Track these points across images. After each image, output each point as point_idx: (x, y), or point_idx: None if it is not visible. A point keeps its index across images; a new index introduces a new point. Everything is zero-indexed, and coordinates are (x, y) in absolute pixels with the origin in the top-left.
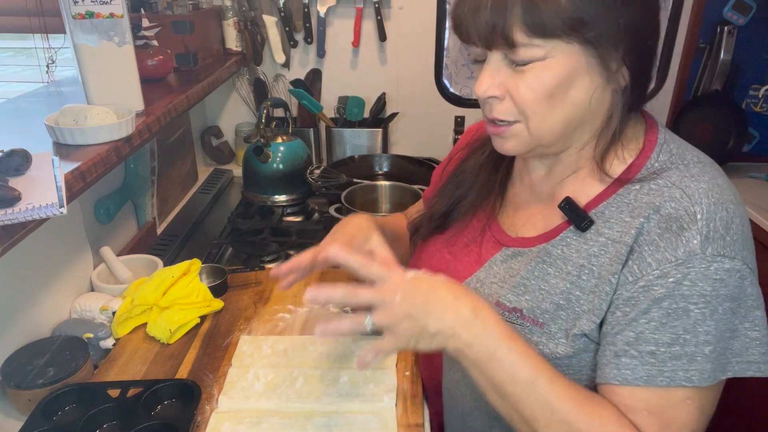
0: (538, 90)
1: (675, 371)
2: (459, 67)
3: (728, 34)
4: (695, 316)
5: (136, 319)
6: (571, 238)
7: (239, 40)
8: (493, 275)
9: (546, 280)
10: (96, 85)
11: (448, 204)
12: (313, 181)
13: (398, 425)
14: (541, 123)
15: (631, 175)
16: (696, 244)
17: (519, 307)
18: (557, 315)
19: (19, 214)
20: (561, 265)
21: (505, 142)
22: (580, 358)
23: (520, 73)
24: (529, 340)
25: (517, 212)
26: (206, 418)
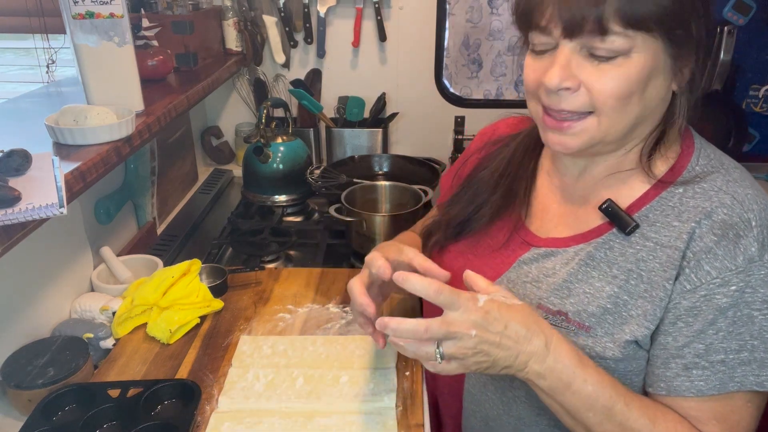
0: (621, 84)
1: (746, 376)
2: (459, 67)
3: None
4: (760, 322)
5: (136, 319)
6: (614, 241)
7: (239, 40)
8: (524, 275)
9: (590, 284)
10: (96, 85)
11: (466, 212)
12: (313, 181)
13: (398, 425)
14: (615, 119)
15: (674, 177)
16: (754, 251)
17: (564, 310)
18: (604, 319)
19: (19, 214)
20: (606, 269)
21: (567, 138)
22: (627, 364)
23: (600, 66)
24: (574, 343)
25: (546, 215)
26: (206, 418)
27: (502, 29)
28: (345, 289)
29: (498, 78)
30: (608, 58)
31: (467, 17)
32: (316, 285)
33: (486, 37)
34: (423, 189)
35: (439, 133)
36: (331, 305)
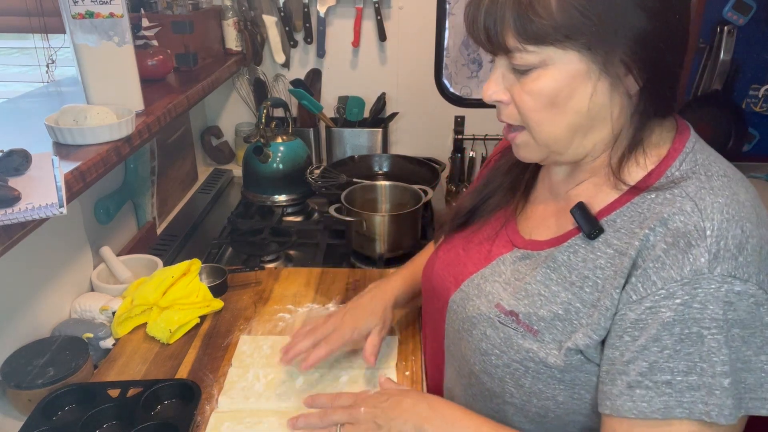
0: (538, 98)
1: (694, 403)
2: (459, 67)
3: (728, 34)
4: (709, 343)
5: (136, 319)
6: (579, 245)
7: (239, 40)
8: (498, 274)
9: (547, 286)
10: (96, 85)
11: (475, 201)
12: (313, 181)
13: None
14: (544, 131)
15: (649, 183)
16: (703, 262)
17: (516, 311)
18: (553, 324)
19: (19, 214)
20: (565, 273)
21: (518, 149)
22: (573, 376)
23: (523, 80)
24: (521, 346)
25: (534, 214)
26: (206, 418)
27: None
28: (345, 289)
29: None
30: (527, 72)
31: None
32: (316, 285)
33: None
34: (423, 189)
35: (439, 133)
36: (331, 305)
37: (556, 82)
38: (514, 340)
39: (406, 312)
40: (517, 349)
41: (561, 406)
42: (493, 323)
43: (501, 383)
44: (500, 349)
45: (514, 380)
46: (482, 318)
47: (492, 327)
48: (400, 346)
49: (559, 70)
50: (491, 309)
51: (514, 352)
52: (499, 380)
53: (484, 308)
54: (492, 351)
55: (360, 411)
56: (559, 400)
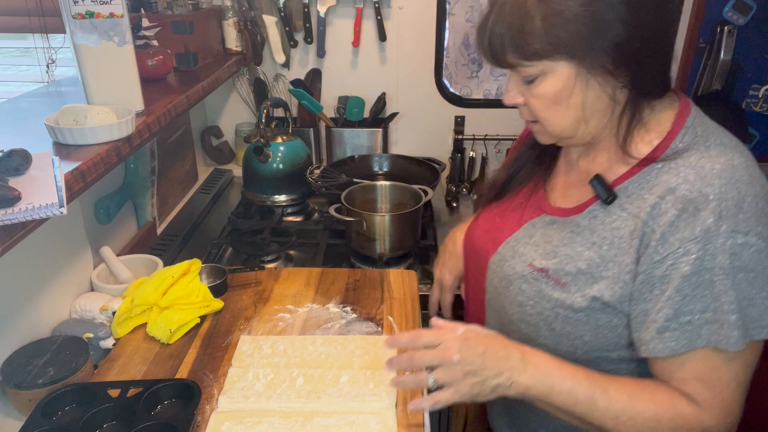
0: (543, 101)
1: (711, 334)
2: (459, 67)
3: (728, 34)
4: (718, 287)
5: (136, 319)
6: (597, 211)
7: (239, 40)
8: (529, 236)
9: (572, 247)
10: (96, 85)
11: (508, 173)
12: (313, 181)
13: (398, 425)
14: (553, 124)
15: (655, 155)
16: (711, 223)
17: (546, 268)
18: (578, 277)
19: (19, 214)
20: (587, 235)
21: (536, 136)
22: (597, 318)
23: (529, 87)
24: (551, 296)
25: (558, 185)
26: (206, 418)
27: None
28: (345, 289)
29: (498, 78)
30: (532, 80)
31: (467, 17)
32: (316, 285)
33: None
34: (423, 189)
35: (439, 133)
36: (331, 305)
37: (554, 87)
38: (545, 291)
39: (406, 312)
40: (548, 299)
41: (587, 344)
42: (527, 279)
43: (536, 328)
44: (534, 300)
45: (547, 325)
46: (517, 276)
47: (526, 282)
48: None
49: (556, 76)
50: (525, 268)
51: (545, 302)
52: (534, 326)
53: (519, 267)
54: (527, 302)
55: (453, 357)
56: (585, 339)
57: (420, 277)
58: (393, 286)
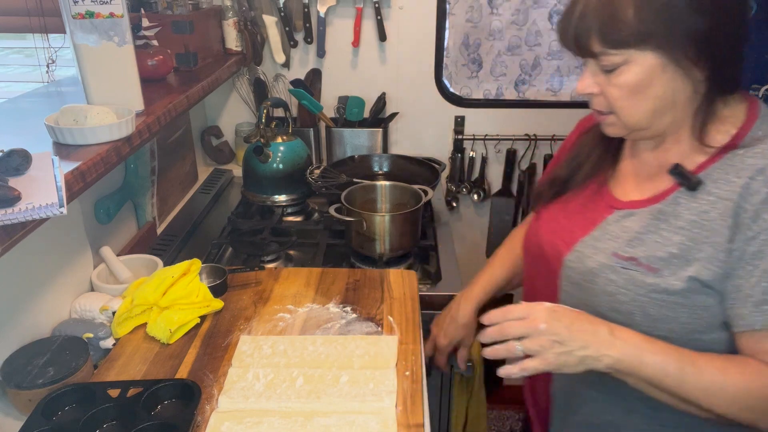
0: (623, 90)
1: None
2: (459, 67)
3: None
4: None
5: (136, 319)
6: (681, 197)
7: (239, 40)
8: (607, 233)
9: (659, 234)
10: (96, 85)
11: (568, 172)
12: (313, 181)
13: (398, 425)
14: (629, 115)
15: (736, 143)
16: None
17: (635, 256)
18: (670, 262)
19: (19, 214)
20: (673, 221)
21: (606, 127)
22: (692, 299)
23: (609, 75)
24: (644, 282)
25: (627, 182)
26: (206, 418)
27: (502, 29)
28: (345, 289)
29: (498, 78)
30: (612, 70)
31: (467, 17)
32: (316, 285)
33: (486, 36)
34: (423, 189)
35: (439, 133)
36: (331, 305)
37: (636, 76)
38: (638, 278)
39: (406, 312)
40: (642, 285)
41: (684, 326)
42: (615, 269)
43: (629, 316)
44: (626, 288)
45: (642, 311)
46: (603, 267)
47: (614, 272)
48: (400, 346)
49: (639, 65)
50: (610, 258)
51: (638, 288)
52: (628, 314)
53: (603, 259)
54: (618, 291)
55: (540, 326)
56: (681, 321)
57: (420, 277)
58: (393, 286)
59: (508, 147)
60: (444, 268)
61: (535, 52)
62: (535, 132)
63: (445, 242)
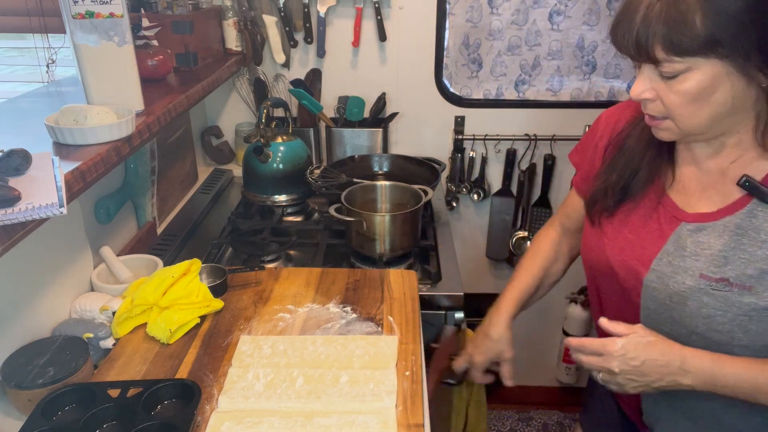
0: (684, 97)
1: None
2: (459, 67)
3: None
4: None
5: (136, 319)
6: (756, 210)
7: (239, 40)
8: (682, 248)
9: (744, 250)
10: (96, 85)
11: (625, 177)
12: (313, 181)
13: (398, 425)
14: (688, 121)
15: None
16: None
17: (725, 277)
18: (762, 278)
19: (19, 214)
20: (754, 235)
21: (659, 132)
22: None
23: (668, 81)
24: (741, 302)
25: (688, 189)
26: (206, 418)
27: (502, 29)
28: (345, 289)
29: (498, 78)
30: (673, 76)
31: (467, 17)
32: (316, 285)
33: (486, 36)
34: (423, 189)
35: (439, 133)
36: (331, 305)
37: (700, 83)
38: (733, 299)
39: (406, 312)
40: (739, 305)
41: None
42: (707, 292)
43: (729, 334)
44: (722, 309)
45: (742, 328)
46: (693, 290)
47: (706, 295)
48: (400, 346)
49: (703, 72)
50: (697, 280)
51: (736, 308)
52: (727, 333)
53: (690, 281)
54: (715, 313)
55: (613, 368)
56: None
57: (420, 277)
58: (393, 286)
59: (508, 147)
60: (444, 268)
61: (535, 52)
62: (535, 132)
63: (445, 242)
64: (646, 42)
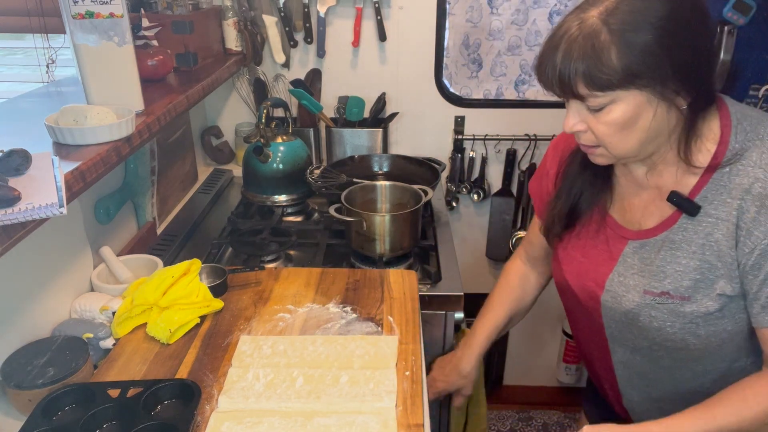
0: (611, 127)
1: None
2: (459, 67)
3: (728, 34)
4: None
5: (136, 319)
6: (686, 223)
7: (239, 40)
8: (629, 267)
9: (678, 263)
10: (96, 85)
11: (570, 203)
12: (313, 181)
13: (398, 425)
14: (618, 148)
15: (717, 161)
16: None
17: (665, 290)
18: (697, 287)
19: (19, 214)
20: (686, 248)
21: (595, 158)
22: (730, 309)
23: (597, 115)
24: (684, 312)
25: (631, 207)
26: (206, 418)
27: (502, 29)
28: (345, 289)
29: (498, 78)
30: (599, 109)
31: (467, 17)
32: (316, 285)
33: (486, 36)
34: (423, 189)
35: (439, 133)
36: (331, 305)
37: (624, 113)
38: (677, 309)
39: (406, 312)
40: (683, 315)
41: (729, 332)
42: (653, 306)
43: (683, 341)
44: (670, 320)
45: (692, 334)
46: (641, 306)
47: (653, 309)
48: (400, 346)
49: (626, 103)
50: (643, 297)
51: (681, 318)
52: (681, 339)
53: (638, 299)
54: (664, 324)
55: None
56: (728, 329)
57: (420, 277)
58: (393, 286)
59: (508, 147)
60: (444, 268)
61: (535, 52)
62: (535, 132)
63: (445, 242)
64: (569, 80)
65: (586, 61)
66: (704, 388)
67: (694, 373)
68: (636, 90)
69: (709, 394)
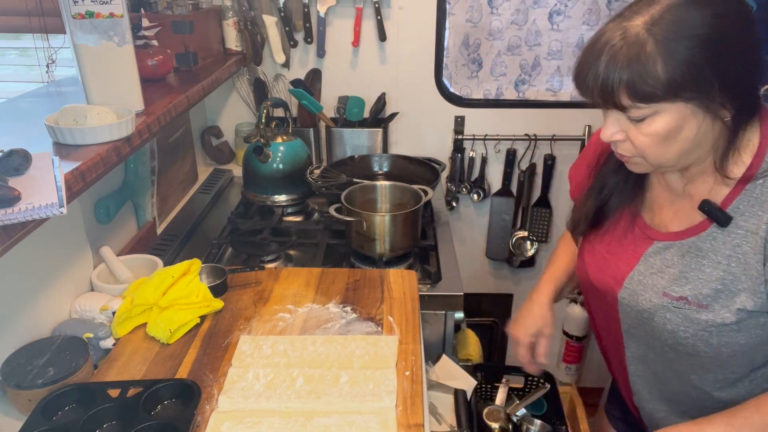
0: (653, 138)
1: None
2: (459, 67)
3: None
4: None
5: (136, 319)
6: (716, 233)
7: (239, 40)
8: (650, 266)
9: (702, 271)
10: (96, 85)
11: (597, 203)
12: (313, 181)
13: (398, 425)
14: (657, 158)
15: (751, 173)
16: None
17: (684, 295)
18: (717, 297)
19: (19, 214)
20: (712, 257)
21: (632, 167)
22: (747, 324)
23: (638, 125)
24: (699, 319)
25: (661, 211)
26: (206, 418)
27: (502, 29)
28: (345, 289)
29: (498, 78)
30: (641, 119)
31: (467, 17)
32: (316, 285)
33: (486, 36)
34: (423, 189)
35: (439, 133)
36: (331, 305)
37: (668, 125)
38: (692, 316)
39: (406, 312)
40: (698, 322)
41: (744, 346)
42: (669, 309)
43: (693, 347)
44: (684, 325)
45: (704, 342)
46: (657, 307)
47: (669, 311)
48: (400, 346)
49: (670, 114)
50: (661, 298)
51: (695, 324)
52: (692, 345)
53: (656, 299)
54: (678, 328)
55: None
56: (741, 342)
57: (420, 277)
58: (393, 286)
59: (508, 147)
60: (444, 268)
61: (535, 52)
62: (535, 132)
63: (445, 242)
64: (611, 90)
65: (631, 71)
66: (714, 395)
67: (702, 380)
68: (681, 102)
69: (719, 401)
